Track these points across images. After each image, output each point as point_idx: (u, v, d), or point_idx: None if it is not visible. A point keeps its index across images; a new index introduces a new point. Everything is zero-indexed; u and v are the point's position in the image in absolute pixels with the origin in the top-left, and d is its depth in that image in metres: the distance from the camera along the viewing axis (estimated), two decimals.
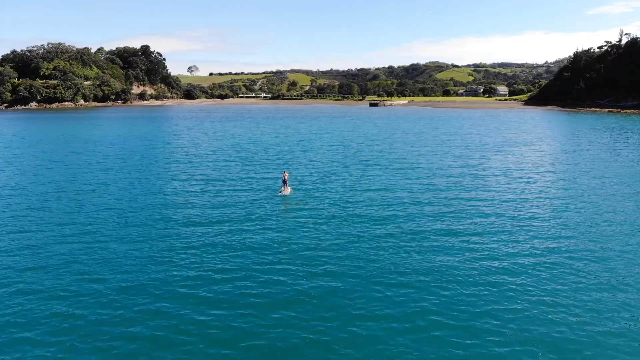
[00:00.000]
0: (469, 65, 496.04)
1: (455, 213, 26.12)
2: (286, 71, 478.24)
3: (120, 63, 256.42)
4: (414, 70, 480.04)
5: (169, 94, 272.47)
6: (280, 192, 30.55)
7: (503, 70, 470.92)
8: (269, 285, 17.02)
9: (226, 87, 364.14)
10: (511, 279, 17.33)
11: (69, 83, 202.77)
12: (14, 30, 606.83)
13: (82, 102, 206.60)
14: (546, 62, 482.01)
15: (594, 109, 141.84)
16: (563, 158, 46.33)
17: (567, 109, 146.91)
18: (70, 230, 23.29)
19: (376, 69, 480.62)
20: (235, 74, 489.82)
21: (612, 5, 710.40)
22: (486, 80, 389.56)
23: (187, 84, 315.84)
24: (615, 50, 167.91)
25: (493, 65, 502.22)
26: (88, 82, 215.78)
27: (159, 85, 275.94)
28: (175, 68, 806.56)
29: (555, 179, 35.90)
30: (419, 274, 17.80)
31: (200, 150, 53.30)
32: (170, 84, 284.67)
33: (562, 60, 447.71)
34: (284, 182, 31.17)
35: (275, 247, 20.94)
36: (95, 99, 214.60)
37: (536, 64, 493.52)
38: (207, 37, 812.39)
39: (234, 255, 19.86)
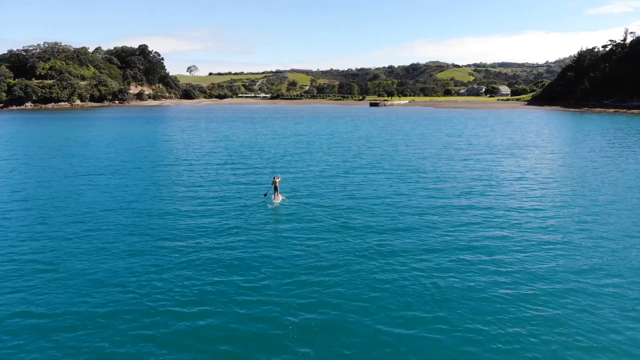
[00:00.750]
0: (469, 65, 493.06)
1: (471, 226, 22.93)
2: (286, 71, 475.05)
3: (118, 63, 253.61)
4: (414, 70, 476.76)
5: (167, 94, 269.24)
6: (271, 201, 27.37)
7: (504, 70, 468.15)
8: (249, 323, 13.82)
9: (225, 87, 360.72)
10: (554, 314, 14.10)
11: (65, 83, 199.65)
12: (13, 30, 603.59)
13: (78, 102, 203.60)
14: (546, 62, 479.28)
15: (599, 109, 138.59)
16: (579, 162, 43.08)
17: (572, 109, 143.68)
18: (23, 248, 20.06)
19: (376, 68, 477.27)
20: (235, 74, 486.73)
21: (612, 5, 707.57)
22: (487, 80, 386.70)
23: (187, 84, 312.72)
24: (620, 49, 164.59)
25: (493, 65, 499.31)
26: (84, 82, 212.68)
27: (157, 85, 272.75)
28: (175, 68, 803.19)
29: (575, 186, 32.65)
30: (436, 307, 14.59)
31: (190, 153, 50.07)
32: (169, 83, 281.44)
33: (562, 60, 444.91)
34: (275, 188, 27.94)
35: (260, 269, 17.74)
36: (92, 99, 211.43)
37: (536, 64, 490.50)
38: (207, 37, 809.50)
39: (209, 282, 16.64)
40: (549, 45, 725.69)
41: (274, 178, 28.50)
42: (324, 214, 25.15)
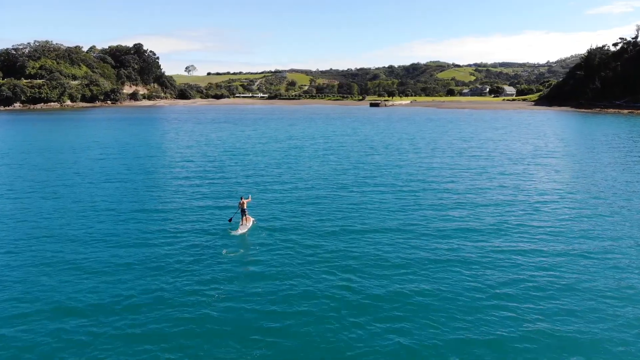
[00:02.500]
0: (470, 65, 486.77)
1: (515, 272, 15.84)
2: (285, 71, 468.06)
3: (112, 62, 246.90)
4: (414, 70, 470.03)
5: (162, 94, 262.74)
6: (236, 229, 20.93)
7: (505, 70, 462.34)
8: None
9: (224, 87, 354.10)
10: None
11: (54, 83, 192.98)
12: (14, 31, 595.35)
13: (68, 102, 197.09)
14: (548, 62, 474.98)
15: (612, 110, 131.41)
16: (629, 175, 35.92)
17: (584, 110, 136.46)
18: None
19: (376, 68, 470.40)
20: (234, 73, 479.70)
21: (612, 5, 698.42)
22: (488, 80, 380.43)
23: (184, 84, 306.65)
24: (631, 47, 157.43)
25: (494, 65, 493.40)
26: (75, 82, 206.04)
27: (152, 85, 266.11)
28: (175, 68, 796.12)
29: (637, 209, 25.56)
30: None
31: (161, 161, 42.92)
32: (164, 83, 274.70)
33: (564, 60, 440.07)
34: (242, 211, 21.48)
35: (210, 333, 10.73)
36: (83, 99, 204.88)
37: (538, 64, 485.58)
38: (207, 37, 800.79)
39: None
40: (549, 45, 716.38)
41: (241, 199, 21.93)
42: (306, 250, 18.15)
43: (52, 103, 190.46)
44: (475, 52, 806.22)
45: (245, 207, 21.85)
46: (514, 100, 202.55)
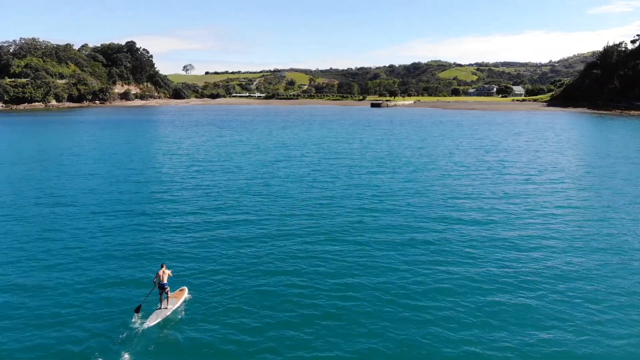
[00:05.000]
0: (471, 65, 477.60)
1: None
2: (284, 70, 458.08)
3: (103, 60, 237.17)
4: (415, 69, 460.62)
5: (155, 94, 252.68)
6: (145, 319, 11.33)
7: (507, 69, 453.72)
8: None
9: (221, 87, 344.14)
10: None
11: (39, 82, 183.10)
12: (15, 31, 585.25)
13: (54, 102, 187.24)
14: (550, 62, 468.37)
15: (635, 112, 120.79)
16: None
17: (603, 112, 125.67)
18: None
19: (377, 67, 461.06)
20: (232, 72, 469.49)
21: (612, 4, 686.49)
22: (491, 79, 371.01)
23: (182, 83, 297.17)
24: None
25: (496, 64, 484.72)
26: (62, 81, 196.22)
27: (145, 84, 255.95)
28: (175, 68, 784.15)
29: None
30: None
31: (95, 182, 32.53)
32: (158, 82, 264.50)
33: (566, 60, 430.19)
34: (161, 288, 13.22)
35: None
36: (70, 98, 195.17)
37: (540, 63, 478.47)
38: (207, 37, 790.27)
39: None
40: (550, 45, 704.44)
41: (162, 267, 13.53)
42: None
43: (37, 103, 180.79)
44: (476, 52, 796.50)
45: (165, 281, 12.44)
46: (524, 100, 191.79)
